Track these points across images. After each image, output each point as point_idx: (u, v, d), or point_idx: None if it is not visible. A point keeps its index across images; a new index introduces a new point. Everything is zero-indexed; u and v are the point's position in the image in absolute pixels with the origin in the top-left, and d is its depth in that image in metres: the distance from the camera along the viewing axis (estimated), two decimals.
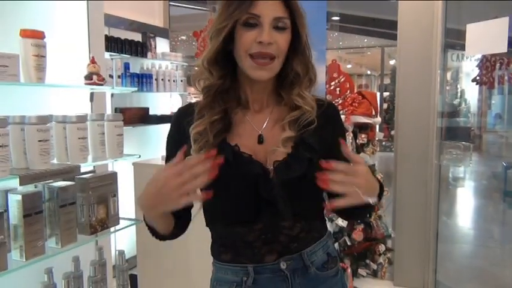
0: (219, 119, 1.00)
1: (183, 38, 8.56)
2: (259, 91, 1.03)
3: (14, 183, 1.45)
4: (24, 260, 1.44)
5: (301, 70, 1.01)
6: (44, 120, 1.51)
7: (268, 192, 0.95)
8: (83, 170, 1.67)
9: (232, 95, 1.04)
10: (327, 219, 1.17)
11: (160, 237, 1.05)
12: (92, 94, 2.01)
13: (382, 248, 3.36)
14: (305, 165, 0.96)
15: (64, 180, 1.61)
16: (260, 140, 1.01)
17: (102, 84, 1.88)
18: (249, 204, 0.97)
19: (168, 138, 1.09)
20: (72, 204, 1.60)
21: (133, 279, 2.62)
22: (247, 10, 0.93)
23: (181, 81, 4.15)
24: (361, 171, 0.88)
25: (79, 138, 1.64)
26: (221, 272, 1.06)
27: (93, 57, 1.89)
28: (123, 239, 3.24)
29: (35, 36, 1.61)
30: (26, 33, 1.60)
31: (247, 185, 0.96)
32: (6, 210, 1.45)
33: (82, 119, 1.67)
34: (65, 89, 1.93)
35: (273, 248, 0.99)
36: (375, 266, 3.40)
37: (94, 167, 1.87)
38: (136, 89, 3.47)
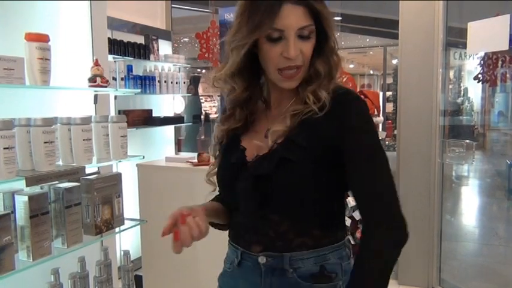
0: (240, 126, 1.05)
1: (186, 40, 8.58)
2: (281, 91, 1.02)
3: (21, 184, 1.47)
4: (31, 260, 1.45)
5: (323, 69, 0.97)
6: (49, 122, 1.53)
7: (242, 183, 0.97)
8: (87, 171, 1.69)
9: (256, 100, 1.06)
10: (350, 236, 1.12)
11: (222, 227, 1.11)
12: (95, 96, 2.03)
13: None
14: (273, 164, 0.93)
15: (69, 181, 1.63)
16: (266, 133, 1.00)
17: (105, 86, 1.90)
18: (234, 193, 1.00)
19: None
20: (77, 205, 1.62)
21: (138, 280, 2.64)
22: (270, 26, 0.90)
23: (184, 83, 4.16)
24: None
25: (84, 140, 1.65)
26: (228, 248, 1.10)
27: (96, 60, 1.90)
28: (128, 240, 3.26)
29: (40, 39, 1.63)
30: (31, 37, 1.62)
31: (231, 175, 1.00)
32: (13, 212, 1.47)
33: (86, 120, 1.68)
34: (70, 91, 1.95)
35: (261, 239, 0.98)
36: None
37: (98, 168, 1.89)
38: (139, 90, 3.49)
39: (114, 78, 3.16)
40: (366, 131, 0.94)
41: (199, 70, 8.39)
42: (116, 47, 3.43)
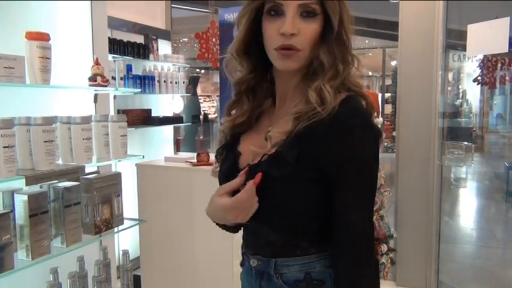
0: (244, 121, 1.01)
1: (185, 40, 8.58)
2: (286, 83, 0.96)
3: (20, 183, 1.46)
4: (31, 259, 1.45)
5: (326, 61, 0.88)
6: (49, 121, 1.52)
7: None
8: (87, 170, 1.68)
9: (262, 91, 1.01)
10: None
11: (232, 229, 1.07)
12: (95, 95, 2.03)
13: (384, 248, 3.36)
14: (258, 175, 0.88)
15: (69, 180, 1.62)
16: (266, 136, 0.95)
17: (106, 86, 1.90)
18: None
19: None
20: (77, 205, 1.62)
21: (137, 279, 2.63)
22: None
23: (183, 82, 4.16)
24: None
25: (83, 139, 1.65)
26: None
27: (97, 59, 1.90)
28: (127, 240, 3.25)
29: (40, 38, 1.63)
30: (32, 36, 1.62)
31: (226, 180, 0.96)
32: (13, 210, 1.46)
33: (86, 120, 1.68)
34: (70, 91, 1.95)
35: (253, 243, 1.00)
36: None
37: (98, 167, 1.89)
38: (139, 90, 3.49)
39: (114, 78, 3.16)
40: (360, 168, 0.87)
41: (198, 70, 8.39)
42: (116, 47, 3.43)
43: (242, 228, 1.05)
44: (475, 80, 3.14)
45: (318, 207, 0.90)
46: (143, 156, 2.04)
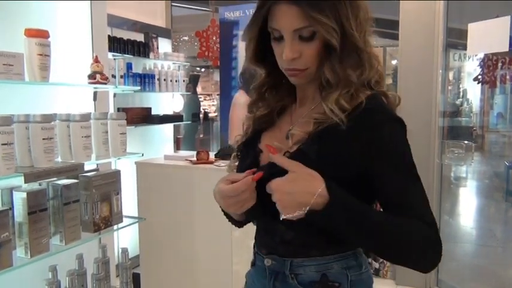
0: (265, 114, 1.01)
1: (185, 38, 8.57)
2: (304, 90, 0.99)
3: (19, 181, 1.46)
4: (29, 257, 1.45)
5: (331, 77, 0.89)
6: (48, 118, 1.52)
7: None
8: (86, 168, 1.68)
9: (284, 90, 1.02)
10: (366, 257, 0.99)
11: (237, 223, 1.07)
12: (95, 93, 2.03)
13: None
14: (275, 171, 0.85)
15: (68, 178, 1.62)
16: (288, 134, 0.95)
17: (105, 83, 1.90)
18: None
19: None
20: (76, 202, 1.61)
21: (136, 278, 2.63)
22: (270, 24, 0.89)
23: (184, 81, 4.16)
24: (275, 186, 0.82)
25: (83, 137, 1.65)
26: None
27: (96, 56, 1.90)
28: (126, 238, 3.25)
29: (40, 35, 1.63)
30: (31, 33, 1.62)
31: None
32: (11, 208, 1.46)
33: (86, 117, 1.68)
34: (69, 88, 1.95)
35: (268, 242, 0.98)
36: (377, 265, 3.41)
37: (97, 165, 1.88)
38: (139, 88, 3.49)
39: (114, 76, 3.16)
40: (400, 160, 0.86)
41: (198, 68, 8.39)
42: (116, 45, 3.43)
43: (256, 226, 1.04)
44: (475, 79, 3.14)
45: None
46: (142, 154, 2.04)
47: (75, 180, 1.62)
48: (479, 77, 3.08)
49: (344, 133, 0.85)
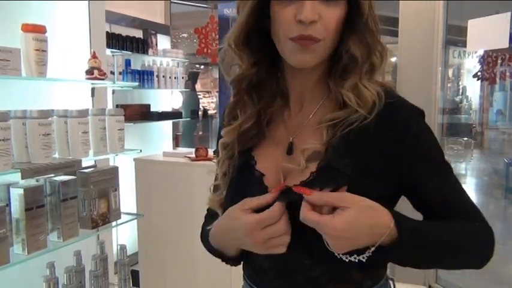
0: (251, 126, 0.80)
1: (184, 35, 8.55)
2: (302, 82, 0.79)
3: (16, 177, 1.45)
4: (26, 253, 1.44)
5: (360, 53, 0.73)
6: (45, 114, 1.51)
7: None
8: (84, 164, 1.67)
9: (269, 88, 0.81)
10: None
11: (233, 261, 0.85)
12: (93, 89, 2.02)
13: None
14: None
15: (65, 174, 1.61)
16: (289, 149, 0.78)
17: (103, 79, 1.89)
18: None
19: (218, 136, 0.90)
20: (73, 199, 1.60)
21: (135, 275, 2.63)
22: None
23: (182, 78, 4.15)
24: (331, 231, 0.64)
25: (80, 133, 1.64)
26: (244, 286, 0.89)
27: (94, 52, 1.89)
28: (125, 235, 3.25)
29: (37, 30, 1.62)
30: (28, 28, 1.61)
31: None
32: (8, 204, 1.45)
33: (83, 113, 1.67)
34: (67, 84, 1.94)
35: (292, 285, 0.77)
36: None
37: (95, 161, 1.88)
38: (137, 84, 3.48)
39: (112, 72, 3.14)
40: (436, 159, 0.76)
41: (198, 66, 8.37)
42: (114, 41, 3.41)
43: (252, 266, 0.83)
44: (475, 76, 3.13)
45: None
46: (141, 150, 2.03)
47: (73, 177, 1.61)
48: (479, 73, 3.07)
49: (372, 135, 0.72)
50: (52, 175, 1.57)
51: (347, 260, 0.68)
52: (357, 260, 0.67)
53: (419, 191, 0.75)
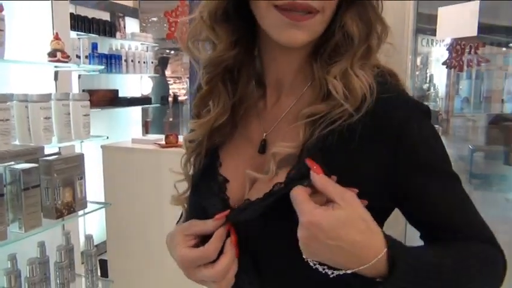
0: (226, 121, 0.67)
1: (154, 19, 8.34)
2: (283, 66, 0.65)
3: None
4: None
5: (358, 31, 0.60)
6: (3, 98, 1.43)
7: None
8: (47, 151, 1.60)
9: (246, 74, 0.68)
10: None
11: None
12: (56, 73, 1.92)
13: None
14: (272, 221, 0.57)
15: (27, 162, 1.53)
16: (261, 147, 0.65)
17: (66, 61, 1.80)
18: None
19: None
20: (36, 187, 1.53)
21: (103, 264, 2.57)
22: None
23: (152, 63, 4.05)
24: (309, 217, 0.50)
25: (42, 118, 1.56)
26: None
27: (56, 33, 1.80)
28: (94, 225, 3.17)
29: None
30: None
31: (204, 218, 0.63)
32: None
33: (45, 98, 1.59)
34: (27, 67, 1.84)
35: None
36: None
37: (59, 148, 1.80)
38: (103, 67, 3.36)
39: (78, 56, 3.02)
40: (440, 168, 0.61)
41: (167, 51, 8.20)
42: (80, 23, 3.29)
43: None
44: (444, 63, 3.18)
45: None
46: (107, 137, 1.96)
47: (35, 165, 1.54)
48: (447, 61, 3.12)
49: (359, 138, 0.57)
50: (12, 163, 1.49)
51: (314, 267, 0.53)
52: (329, 273, 0.53)
53: (417, 206, 0.61)
